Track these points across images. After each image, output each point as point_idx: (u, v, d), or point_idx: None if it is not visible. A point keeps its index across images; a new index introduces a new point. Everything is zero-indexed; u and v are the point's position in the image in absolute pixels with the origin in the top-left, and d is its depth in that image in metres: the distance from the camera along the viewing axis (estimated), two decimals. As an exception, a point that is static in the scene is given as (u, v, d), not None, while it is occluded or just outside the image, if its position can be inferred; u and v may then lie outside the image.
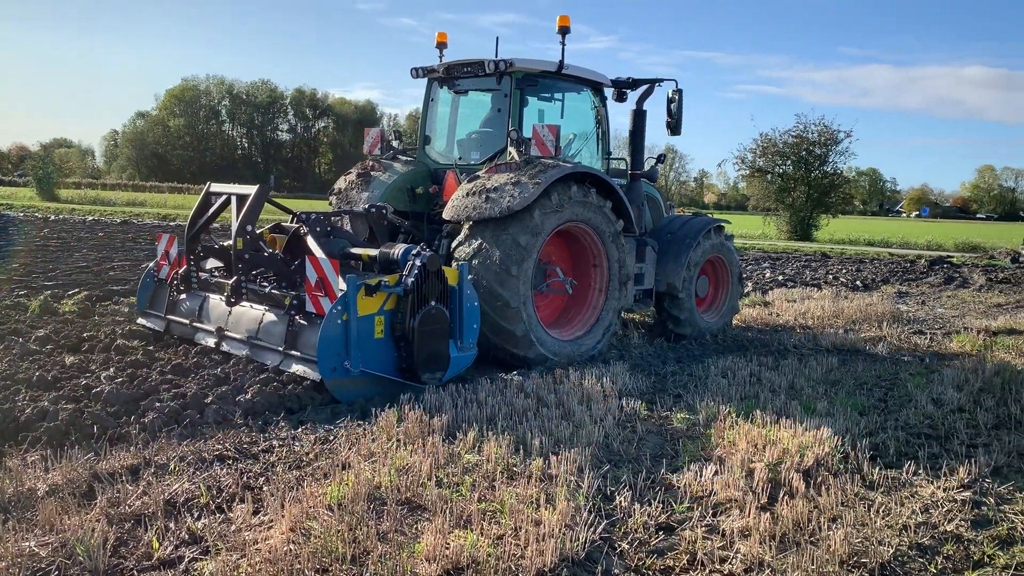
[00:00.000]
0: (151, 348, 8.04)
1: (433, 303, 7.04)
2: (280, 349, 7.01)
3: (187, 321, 8.08)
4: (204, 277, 8.05)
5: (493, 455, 5.32)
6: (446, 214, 8.31)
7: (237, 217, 7.56)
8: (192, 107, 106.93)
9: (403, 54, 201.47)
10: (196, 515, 4.36)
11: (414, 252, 7.11)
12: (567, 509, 4.43)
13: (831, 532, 4.35)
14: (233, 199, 7.78)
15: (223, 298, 7.61)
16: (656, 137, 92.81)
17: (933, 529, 4.53)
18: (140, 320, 8.76)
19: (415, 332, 6.87)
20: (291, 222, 8.27)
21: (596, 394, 6.98)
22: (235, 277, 7.46)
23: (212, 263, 8.37)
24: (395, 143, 10.17)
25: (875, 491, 5.08)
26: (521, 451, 5.49)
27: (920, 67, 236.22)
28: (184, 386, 6.73)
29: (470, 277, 7.59)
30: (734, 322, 11.65)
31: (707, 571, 3.99)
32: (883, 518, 4.63)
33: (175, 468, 4.99)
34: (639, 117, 10.08)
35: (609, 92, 10.26)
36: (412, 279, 6.89)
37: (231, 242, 7.63)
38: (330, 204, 9.99)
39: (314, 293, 6.75)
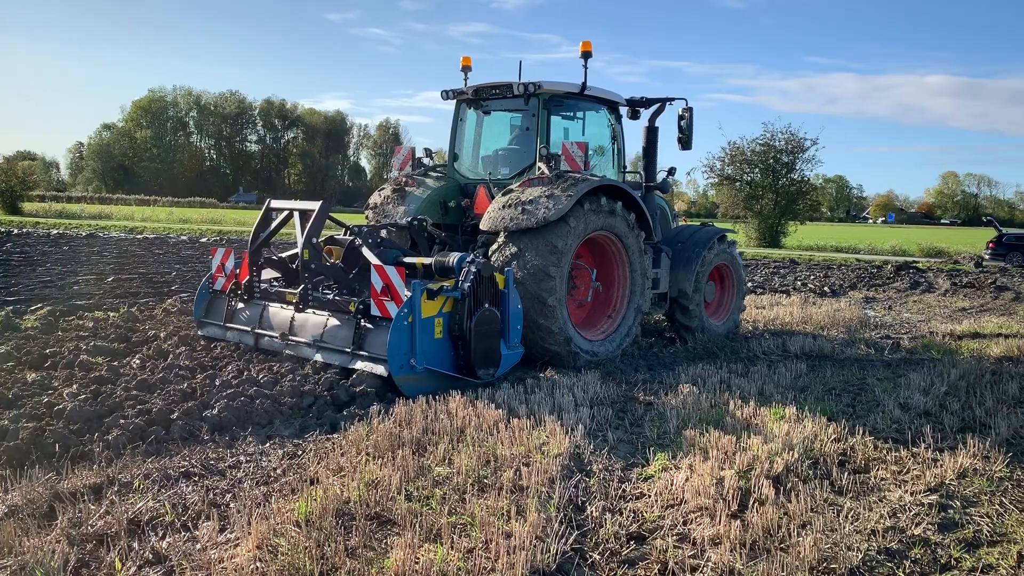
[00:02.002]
0: (115, 364, 7.91)
1: (487, 305, 7.74)
2: (348, 350, 7.61)
3: (248, 328, 8.62)
4: (264, 287, 8.72)
5: (463, 467, 5.29)
6: (484, 225, 8.91)
7: (302, 231, 8.29)
8: (159, 119, 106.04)
9: (373, 64, 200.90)
10: (161, 534, 4.28)
11: (468, 259, 7.87)
12: (538, 520, 4.40)
13: (801, 538, 4.36)
14: (296, 214, 8.59)
15: (283, 306, 8.39)
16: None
17: (901, 533, 4.56)
18: (199, 331, 9.26)
19: (472, 332, 7.58)
20: (344, 235, 8.98)
21: (567, 404, 6.97)
22: (302, 286, 8.14)
23: (267, 274, 9.02)
24: (426, 160, 10.86)
25: (844, 496, 5.11)
26: (492, 463, 5.46)
27: (885, 75, 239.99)
28: (149, 402, 6.62)
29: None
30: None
31: (678, 580, 3.98)
32: (852, 523, 4.65)
33: (139, 486, 4.90)
34: (652, 133, 10.86)
35: (624, 111, 10.94)
36: (468, 284, 7.58)
37: (286, 255, 8.76)
38: (366, 218, 10.59)
39: (380, 298, 7.38)
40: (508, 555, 4.00)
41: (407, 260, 8.40)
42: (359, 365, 7.44)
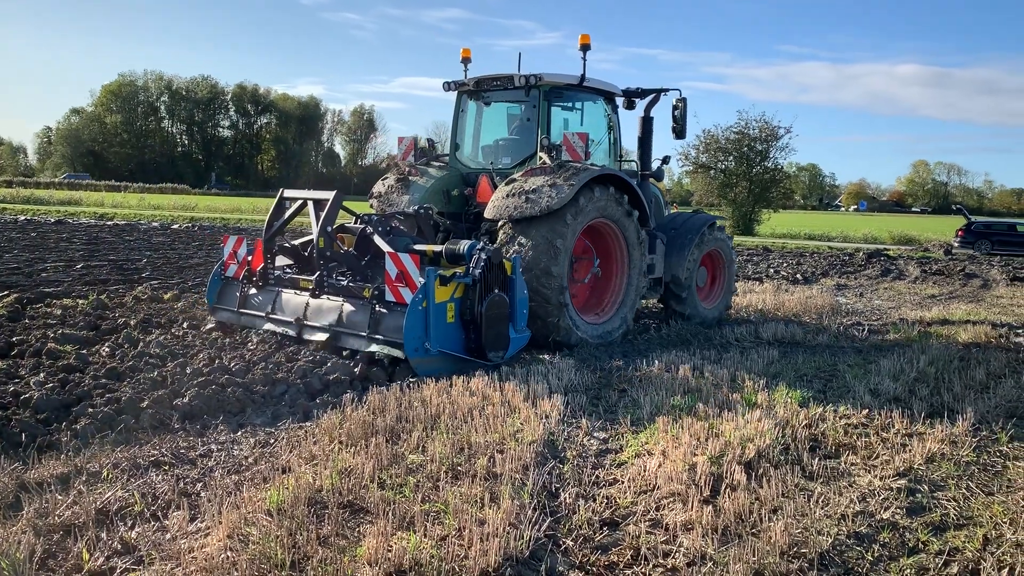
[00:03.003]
0: (84, 352, 7.80)
1: (496, 291, 8.04)
2: (364, 334, 7.86)
3: (262, 314, 8.83)
4: (277, 274, 8.99)
5: (437, 455, 5.28)
6: (488, 213, 9.19)
7: (316, 219, 8.62)
8: (129, 103, 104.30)
9: (347, 49, 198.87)
10: (129, 524, 4.23)
11: (479, 247, 8.12)
12: (511, 508, 4.40)
13: (772, 523, 4.40)
14: (310, 203, 8.92)
15: (297, 292, 8.64)
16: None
17: (870, 517, 4.61)
18: (211, 316, 9.46)
19: (482, 316, 7.88)
20: (355, 223, 9.24)
21: (542, 391, 6.98)
22: (318, 272, 8.42)
23: (280, 261, 9.29)
24: (429, 150, 11.16)
25: (814, 482, 5.16)
26: (466, 450, 5.46)
27: (857, 64, 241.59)
28: (119, 390, 6.54)
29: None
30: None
31: (651, 566, 4.00)
32: (822, 508, 4.70)
33: (108, 476, 4.84)
34: (647, 123, 11.22)
35: (620, 101, 11.19)
36: (479, 270, 7.87)
37: (298, 242, 9.14)
38: (371, 207, 10.83)
39: (394, 285, 7.68)
40: (481, 542, 4.00)
41: (417, 247, 8.57)
42: (377, 349, 7.73)
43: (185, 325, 9.45)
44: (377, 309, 7.89)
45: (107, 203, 45.46)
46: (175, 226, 29.98)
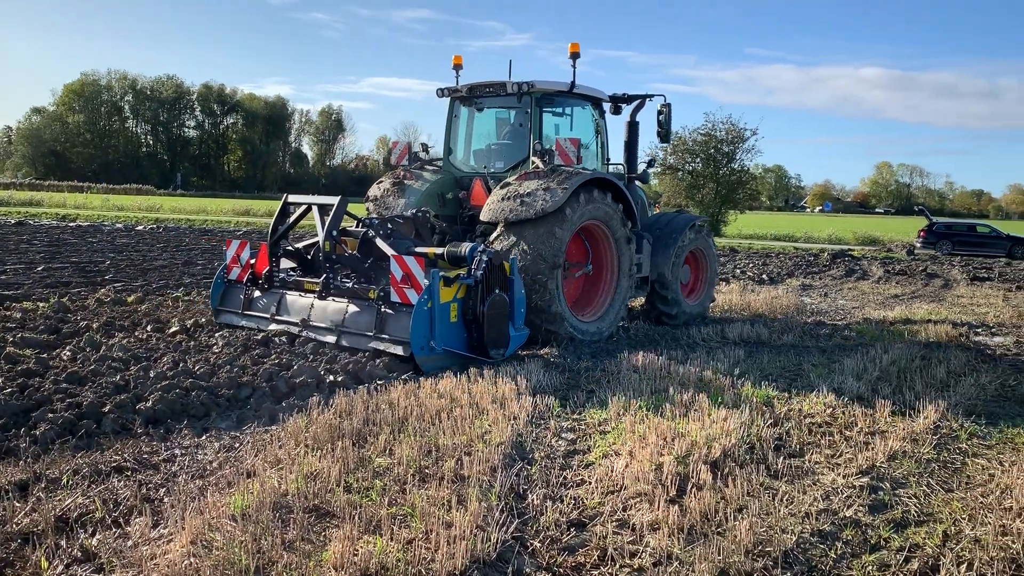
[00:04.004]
0: (44, 356, 7.65)
1: (497, 291, 8.31)
2: (370, 334, 8.15)
3: (267, 316, 9.10)
4: (281, 276, 9.20)
5: (405, 458, 5.25)
6: (484, 216, 9.49)
7: (322, 223, 8.86)
8: (92, 103, 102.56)
9: (315, 49, 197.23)
10: (90, 531, 4.16)
11: (480, 249, 8.40)
12: (479, 510, 4.40)
13: (737, 522, 4.44)
14: (315, 208, 9.14)
15: (302, 294, 8.92)
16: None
17: (833, 515, 4.67)
18: (216, 319, 9.64)
19: (484, 316, 8.18)
20: (356, 226, 9.46)
21: (510, 392, 6.97)
22: (324, 275, 8.71)
23: (282, 264, 9.48)
24: (422, 155, 11.48)
25: (779, 480, 5.21)
26: (433, 453, 5.44)
27: (822, 67, 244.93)
28: (80, 395, 6.42)
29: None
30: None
31: (617, 566, 4.02)
32: (786, 506, 4.75)
33: (68, 482, 4.75)
34: (633, 128, 11.58)
35: (607, 106, 11.56)
36: (481, 271, 8.15)
37: (301, 245, 9.43)
38: (367, 210, 11.05)
39: (400, 286, 7.97)
40: (448, 545, 3.99)
41: (419, 250, 8.83)
42: (384, 348, 8.04)
43: (149, 328, 9.32)
44: (383, 310, 8.17)
45: (69, 204, 44.73)
46: (139, 227, 29.57)
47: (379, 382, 7.29)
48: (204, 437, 5.80)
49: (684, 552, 4.13)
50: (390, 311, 8.16)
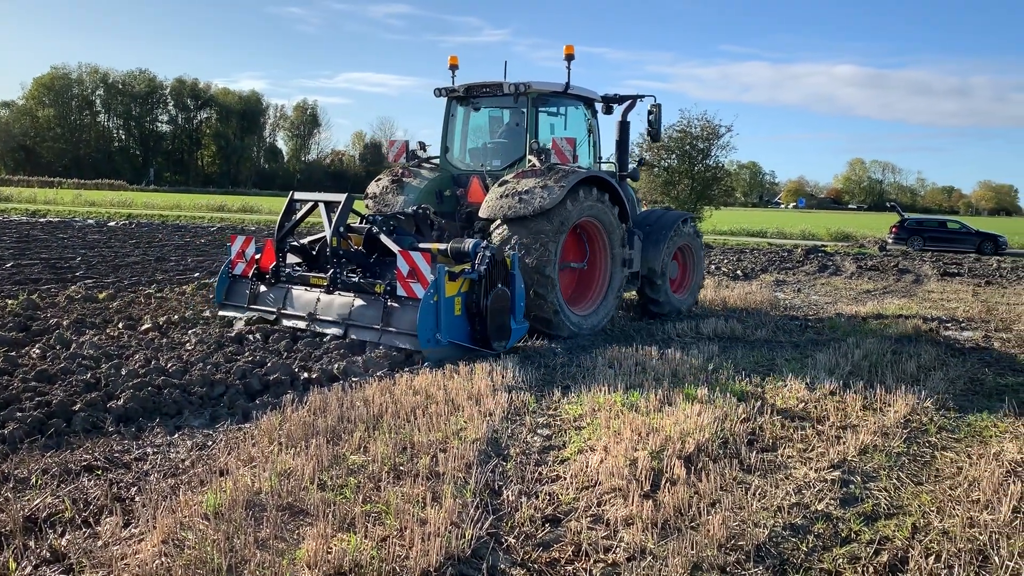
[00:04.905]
0: (13, 354, 7.54)
1: (499, 285, 8.58)
2: (377, 327, 8.44)
3: (273, 310, 9.31)
4: (287, 271, 9.41)
5: (379, 455, 5.24)
6: (483, 212, 9.72)
7: (329, 220, 9.07)
8: (63, 97, 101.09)
9: (291, 44, 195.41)
10: (60, 531, 4.11)
11: (483, 245, 8.69)
12: (454, 507, 4.40)
13: (710, 517, 4.47)
14: (321, 205, 9.34)
15: (307, 288, 9.16)
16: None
17: (805, 509, 4.72)
18: (220, 312, 9.84)
19: (487, 309, 8.46)
20: (360, 223, 9.63)
21: (485, 388, 6.98)
22: (332, 270, 8.87)
23: (288, 260, 9.68)
24: (420, 153, 11.68)
25: (752, 475, 5.26)
26: (408, 450, 5.43)
27: (797, 65, 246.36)
28: (50, 393, 6.35)
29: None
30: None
31: (592, 561, 4.04)
32: (759, 500, 4.79)
33: (37, 481, 4.69)
34: (624, 127, 11.87)
35: (599, 106, 11.82)
36: (484, 266, 8.41)
37: (306, 241, 9.65)
38: (367, 207, 11.24)
39: (406, 281, 8.22)
40: (423, 542, 3.98)
41: (422, 246, 9.03)
42: (391, 341, 8.34)
43: (121, 325, 9.23)
44: (389, 304, 8.43)
45: (39, 200, 44.13)
46: (111, 223, 29.22)
47: (354, 379, 7.26)
48: (176, 435, 5.75)
49: (658, 546, 4.16)
50: (396, 305, 8.42)
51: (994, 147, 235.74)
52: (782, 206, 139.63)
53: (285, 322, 9.17)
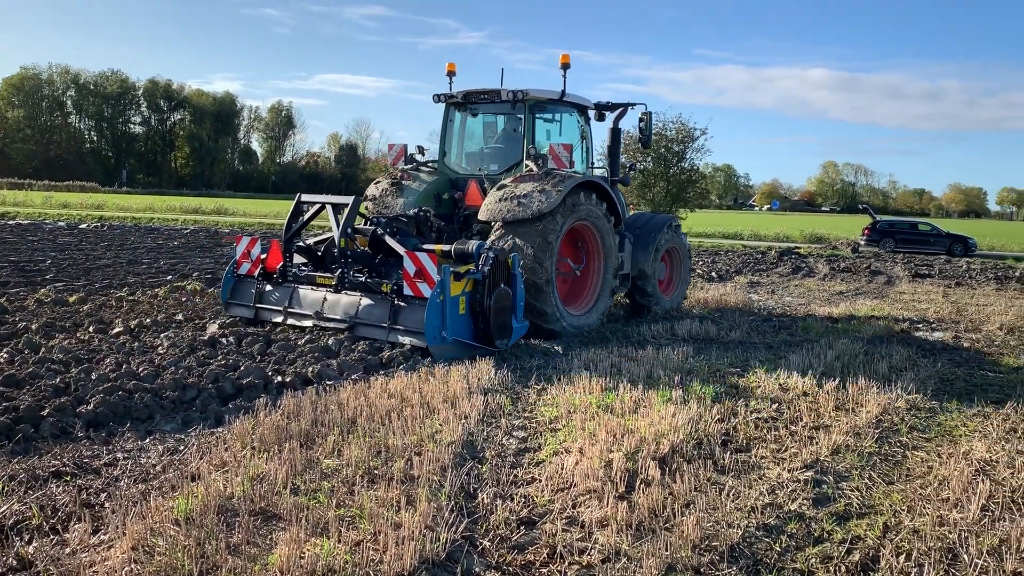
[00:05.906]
0: (-20, 358, 7.42)
1: (502, 285, 8.84)
2: (385, 325, 8.73)
3: (279, 308, 9.51)
4: (293, 271, 9.63)
5: (353, 459, 5.21)
6: (483, 215, 10.02)
7: (336, 222, 9.35)
8: (33, 97, 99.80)
9: (266, 45, 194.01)
10: (27, 538, 4.05)
11: (486, 246, 9.03)
12: (428, 510, 4.38)
13: (684, 517, 4.49)
14: (329, 207, 9.65)
15: (314, 288, 9.39)
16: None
17: (778, 509, 4.75)
18: (225, 311, 10.06)
19: (490, 308, 8.73)
20: (365, 225, 9.91)
21: (461, 391, 6.96)
22: (340, 270, 9.13)
23: (295, 259, 9.90)
24: (419, 157, 11.97)
25: (726, 475, 5.29)
26: (383, 453, 5.40)
27: (771, 68, 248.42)
28: (18, 398, 6.24)
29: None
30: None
31: (566, 563, 4.04)
32: (733, 501, 4.82)
33: (4, 488, 4.61)
34: (615, 134, 12.21)
35: (592, 113, 12.19)
36: (487, 267, 8.68)
37: (311, 241, 9.90)
38: (366, 209, 11.37)
39: (413, 280, 8.51)
40: (397, 546, 3.96)
41: (425, 247, 9.24)
42: (399, 339, 8.63)
43: (91, 329, 9.10)
44: (396, 303, 8.73)
45: (8, 202, 43.48)
46: (83, 226, 28.85)
47: (328, 383, 7.21)
48: (148, 440, 5.69)
49: (632, 548, 4.17)
50: (403, 304, 8.70)
51: (965, 150, 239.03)
52: (756, 208, 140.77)
53: (291, 320, 9.41)
